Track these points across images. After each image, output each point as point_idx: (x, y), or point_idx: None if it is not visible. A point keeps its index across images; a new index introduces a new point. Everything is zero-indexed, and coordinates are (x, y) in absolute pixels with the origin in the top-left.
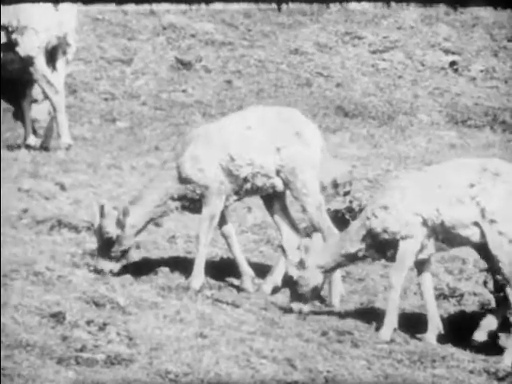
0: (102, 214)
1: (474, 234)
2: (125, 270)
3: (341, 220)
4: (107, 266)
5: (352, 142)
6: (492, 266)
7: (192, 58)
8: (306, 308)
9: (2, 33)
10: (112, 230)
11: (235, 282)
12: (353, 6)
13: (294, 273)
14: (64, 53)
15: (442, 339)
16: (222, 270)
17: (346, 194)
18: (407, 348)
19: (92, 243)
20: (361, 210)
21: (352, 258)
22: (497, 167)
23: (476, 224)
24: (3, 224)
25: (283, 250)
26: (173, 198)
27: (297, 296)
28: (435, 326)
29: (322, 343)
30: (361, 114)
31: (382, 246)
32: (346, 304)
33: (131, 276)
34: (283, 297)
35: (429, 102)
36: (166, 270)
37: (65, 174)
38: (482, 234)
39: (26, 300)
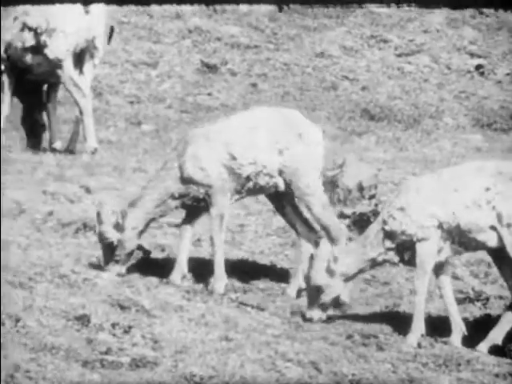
0: (99, 221)
1: (490, 239)
2: (150, 272)
3: (366, 223)
4: (114, 269)
5: (378, 145)
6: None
7: (217, 61)
8: (323, 316)
9: (31, 35)
10: (112, 235)
11: (261, 285)
12: (378, 9)
13: (322, 281)
14: (91, 56)
15: (467, 343)
16: (247, 272)
17: (372, 197)
18: (432, 351)
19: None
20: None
21: (373, 263)
22: None
23: (493, 228)
24: (29, 227)
25: (311, 258)
26: (173, 197)
27: (318, 304)
28: (458, 329)
29: (347, 346)
30: (386, 117)
31: (399, 249)
32: (372, 307)
33: (156, 279)
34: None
35: (454, 106)
36: (191, 273)
37: (90, 177)
38: (499, 239)
39: (51, 303)
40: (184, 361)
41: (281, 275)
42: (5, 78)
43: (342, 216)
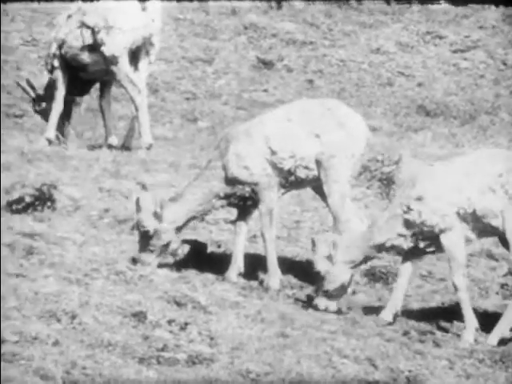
0: (138, 208)
1: (503, 223)
2: (206, 269)
3: None
4: (147, 258)
5: (434, 141)
6: None
7: (273, 57)
8: (332, 306)
9: (88, 34)
10: (149, 224)
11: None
12: (434, 5)
13: (322, 268)
14: (147, 53)
15: None
16: (304, 269)
17: None
18: (489, 348)
19: (174, 242)
20: None
21: (380, 249)
22: None
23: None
24: (84, 223)
25: (313, 244)
26: (219, 197)
27: (323, 292)
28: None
29: (404, 343)
30: (442, 113)
31: (417, 238)
32: (428, 303)
33: (212, 275)
34: (364, 296)
35: (510, 101)
36: (247, 269)
37: (146, 173)
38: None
39: (107, 299)
40: (240, 357)
41: None
42: (59, 75)
43: None
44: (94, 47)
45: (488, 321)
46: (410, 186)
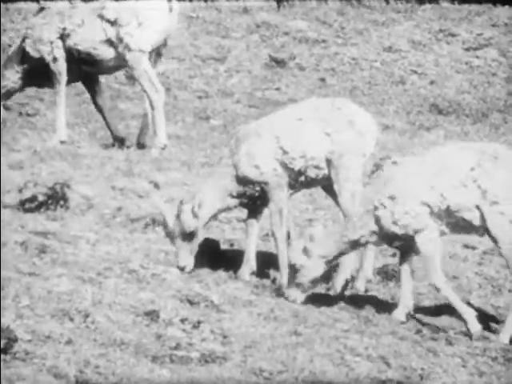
0: (179, 211)
1: (476, 218)
2: (219, 267)
3: None
4: (188, 261)
5: (446, 139)
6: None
7: (286, 55)
8: (301, 297)
9: (109, 27)
10: (192, 224)
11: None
12: (446, 3)
13: (297, 260)
14: (159, 54)
15: None
16: None
17: None
18: (502, 345)
19: None
20: None
21: (354, 245)
22: (495, 150)
23: (478, 207)
24: (97, 222)
25: (288, 237)
26: (231, 195)
27: (295, 284)
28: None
29: (417, 341)
30: (455, 111)
31: (390, 236)
32: (441, 301)
33: (225, 274)
34: (378, 294)
35: None
36: (259, 267)
37: (159, 172)
38: (482, 217)
39: (120, 298)
40: (253, 356)
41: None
42: (62, 67)
43: None
44: (114, 42)
45: (501, 318)
46: (381, 182)
